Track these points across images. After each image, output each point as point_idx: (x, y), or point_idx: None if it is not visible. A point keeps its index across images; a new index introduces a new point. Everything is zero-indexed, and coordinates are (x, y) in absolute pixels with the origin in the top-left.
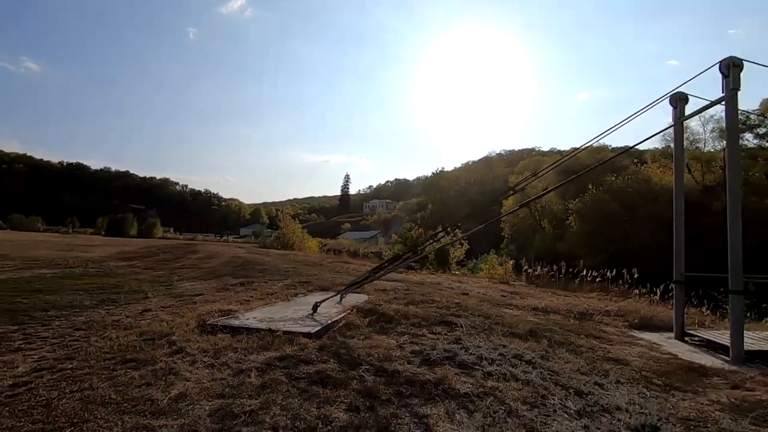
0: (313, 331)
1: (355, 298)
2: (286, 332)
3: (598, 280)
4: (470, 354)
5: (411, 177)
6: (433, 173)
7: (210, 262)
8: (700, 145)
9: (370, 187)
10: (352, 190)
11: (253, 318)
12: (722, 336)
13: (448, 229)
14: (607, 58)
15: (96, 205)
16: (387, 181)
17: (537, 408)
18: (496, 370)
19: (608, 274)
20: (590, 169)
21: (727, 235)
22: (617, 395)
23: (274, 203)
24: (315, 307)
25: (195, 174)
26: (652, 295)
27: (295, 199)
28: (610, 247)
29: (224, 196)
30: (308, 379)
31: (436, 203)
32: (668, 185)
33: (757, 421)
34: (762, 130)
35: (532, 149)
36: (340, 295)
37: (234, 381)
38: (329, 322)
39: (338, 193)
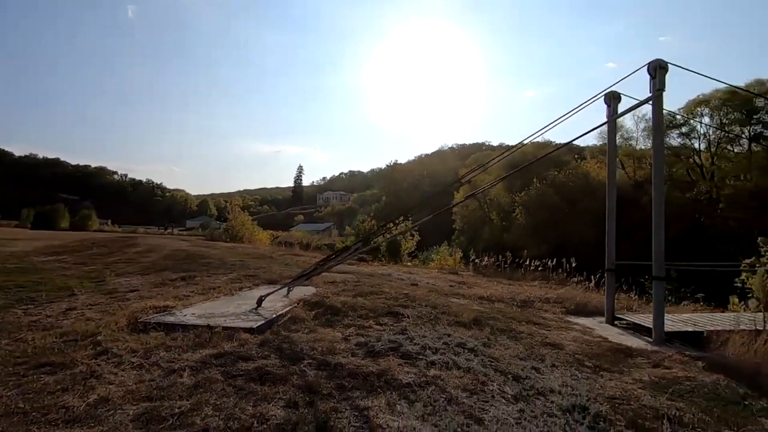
0: (256, 326)
1: (303, 291)
2: (225, 328)
3: (540, 269)
4: (415, 344)
5: (365, 169)
6: (387, 165)
7: (149, 256)
8: (633, 142)
9: (324, 178)
10: (306, 182)
11: (191, 314)
12: (646, 319)
13: (398, 220)
14: (553, 58)
15: (20, 195)
16: (341, 173)
17: (476, 395)
18: (440, 358)
19: (549, 263)
20: (528, 164)
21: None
22: (552, 378)
23: (223, 194)
24: (260, 301)
25: (137, 163)
26: (587, 282)
27: (246, 191)
28: (552, 238)
29: (169, 187)
30: (246, 376)
31: (390, 195)
32: (604, 180)
33: (672, 397)
34: (685, 129)
35: (483, 144)
36: (287, 289)
37: (164, 382)
38: (273, 316)
39: (291, 184)
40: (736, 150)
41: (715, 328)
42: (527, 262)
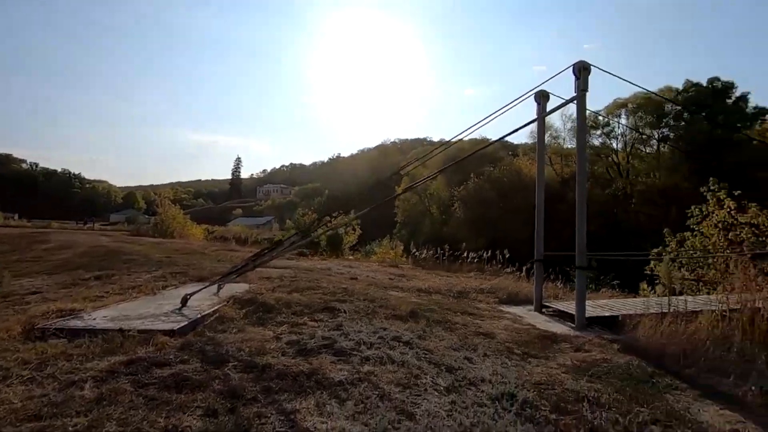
0: (177, 327)
1: (234, 288)
2: (141, 331)
3: (476, 261)
4: (350, 340)
5: (307, 162)
6: (330, 159)
7: (62, 254)
8: (561, 141)
9: (264, 171)
10: (244, 174)
11: (102, 317)
12: (570, 306)
13: (338, 213)
14: (491, 58)
15: None
16: (282, 166)
17: (410, 389)
18: (374, 353)
19: (485, 255)
20: (461, 159)
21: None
22: (483, 368)
23: (153, 186)
24: (184, 300)
25: (51, 150)
26: (519, 273)
27: (179, 183)
28: (488, 232)
29: (89, 177)
30: (160, 384)
31: (332, 189)
32: (535, 176)
33: (591, 379)
34: (608, 129)
35: (424, 139)
36: (217, 286)
37: (59, 397)
38: (198, 316)
39: (229, 176)
40: (647, 150)
41: (628, 312)
42: (465, 255)
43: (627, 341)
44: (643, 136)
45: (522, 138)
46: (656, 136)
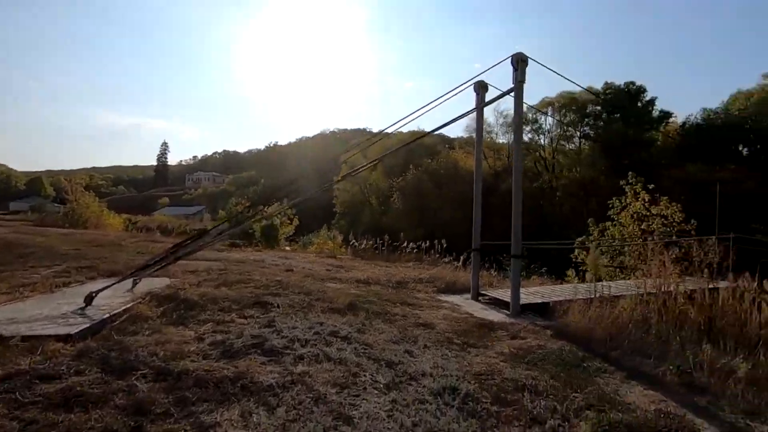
0: (75, 331)
1: (154, 284)
2: (28, 337)
3: (415, 251)
4: (282, 337)
5: (242, 149)
6: (266, 147)
7: None
8: (494, 136)
9: (195, 157)
10: (172, 161)
11: None
12: (505, 294)
13: (269, 204)
14: (433, 53)
15: None
16: (214, 153)
17: (347, 389)
18: (309, 351)
19: (423, 245)
20: (396, 150)
21: (509, 212)
22: (424, 360)
23: (65, 172)
24: (89, 298)
25: None
26: (456, 262)
27: (95, 168)
28: (426, 221)
29: None
30: (45, 402)
31: (269, 178)
32: (470, 168)
33: (528, 366)
34: (536, 126)
35: (364, 129)
36: (132, 281)
37: None
38: (105, 316)
39: (154, 163)
40: (570, 147)
41: (558, 298)
42: (404, 245)
43: (558, 327)
44: (567, 134)
45: (458, 132)
46: (578, 134)
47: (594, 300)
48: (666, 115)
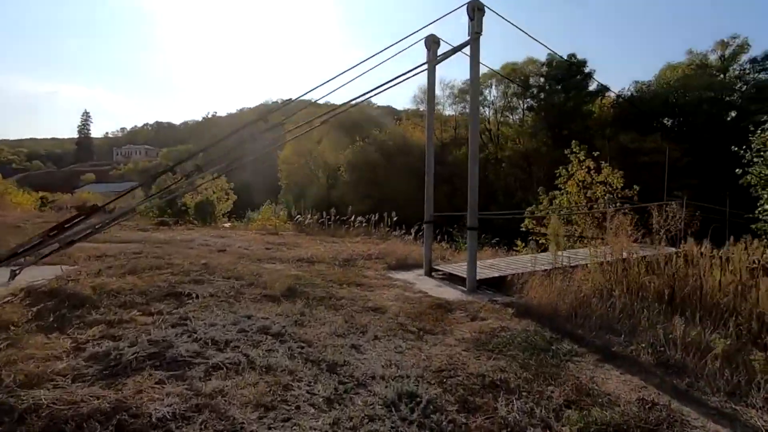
0: None
1: (40, 274)
2: None
3: (363, 225)
4: (195, 340)
5: (177, 121)
6: (204, 118)
7: None
8: (440, 107)
9: (123, 129)
10: (97, 133)
11: None
12: (459, 268)
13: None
14: (383, 21)
15: None
16: (146, 124)
17: (274, 410)
18: (228, 358)
19: (372, 218)
20: (333, 115)
21: (458, 183)
22: (374, 357)
23: None
24: None
25: None
26: (407, 236)
27: (4, 141)
28: (375, 194)
29: None
30: None
31: (209, 151)
32: (419, 140)
33: (494, 354)
34: (480, 98)
35: (309, 101)
36: (11, 272)
37: None
38: None
39: (75, 135)
40: (514, 118)
41: (515, 271)
42: (352, 219)
43: (520, 305)
44: (512, 104)
45: (406, 103)
46: (522, 106)
47: (554, 272)
48: (604, 89)
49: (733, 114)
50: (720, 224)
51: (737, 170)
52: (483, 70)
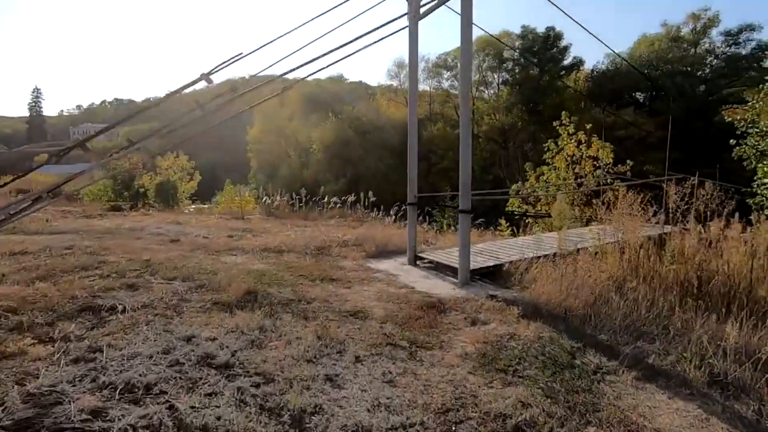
0: None
1: None
2: None
3: (338, 206)
4: (100, 387)
5: (138, 97)
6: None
7: None
8: None
9: (79, 107)
10: (51, 111)
11: None
12: (448, 257)
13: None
14: None
15: None
16: (104, 101)
17: None
18: (144, 417)
19: (347, 198)
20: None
21: (436, 161)
22: (356, 394)
23: None
24: None
25: None
26: (386, 217)
27: None
28: (349, 172)
29: None
30: None
31: (175, 130)
32: (393, 116)
33: (508, 377)
34: (455, 72)
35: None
36: None
37: None
38: None
39: (25, 113)
40: (489, 92)
41: (512, 258)
42: (325, 200)
43: (526, 302)
44: (487, 79)
45: (380, 79)
46: (497, 80)
47: (558, 258)
48: (579, 62)
49: (702, 88)
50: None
51: (731, 141)
52: (456, 43)
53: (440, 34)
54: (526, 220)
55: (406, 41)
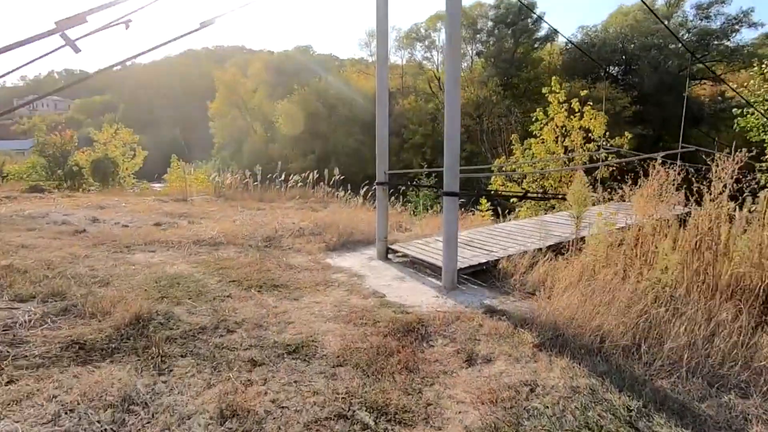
0: None
1: None
2: None
3: (299, 185)
4: None
5: (90, 68)
6: (122, 66)
7: None
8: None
9: (24, 77)
10: None
11: None
12: (427, 250)
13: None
14: None
15: None
16: (52, 72)
17: None
18: None
19: (310, 177)
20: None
21: (403, 137)
22: None
23: None
24: None
25: None
26: (354, 197)
27: None
28: (317, 147)
29: None
30: None
31: (131, 103)
32: (363, 89)
33: None
34: (429, 42)
35: (242, 47)
36: None
37: None
38: None
39: None
40: (463, 65)
41: (508, 251)
42: (285, 178)
43: (540, 323)
44: (461, 52)
45: (351, 52)
46: (471, 52)
47: (571, 251)
48: (554, 33)
49: (675, 62)
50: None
51: (735, 110)
52: (429, 11)
53: (412, 3)
54: (511, 201)
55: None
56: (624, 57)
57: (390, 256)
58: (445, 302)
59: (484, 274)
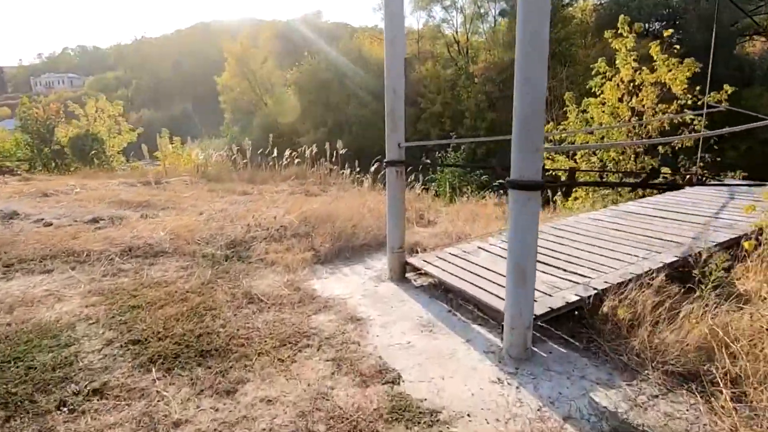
0: None
1: None
2: None
3: (297, 162)
4: None
5: (104, 45)
6: (134, 41)
7: None
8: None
9: (41, 55)
10: (8, 61)
11: None
12: (467, 271)
13: None
14: None
15: None
16: (67, 49)
17: None
18: None
19: (310, 152)
20: None
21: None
22: None
23: None
24: None
25: None
26: (363, 175)
27: None
28: (329, 119)
29: None
30: None
31: (143, 78)
32: (377, 56)
33: None
34: (447, 3)
35: (252, 18)
36: None
37: None
38: None
39: None
40: (485, 27)
41: (607, 277)
42: (274, 154)
43: None
44: (482, 12)
45: (365, 20)
46: (493, 11)
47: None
48: None
49: (728, 15)
50: None
51: None
52: None
53: None
54: (560, 191)
55: None
56: (668, 11)
57: (408, 274)
58: (517, 401)
59: (570, 319)
